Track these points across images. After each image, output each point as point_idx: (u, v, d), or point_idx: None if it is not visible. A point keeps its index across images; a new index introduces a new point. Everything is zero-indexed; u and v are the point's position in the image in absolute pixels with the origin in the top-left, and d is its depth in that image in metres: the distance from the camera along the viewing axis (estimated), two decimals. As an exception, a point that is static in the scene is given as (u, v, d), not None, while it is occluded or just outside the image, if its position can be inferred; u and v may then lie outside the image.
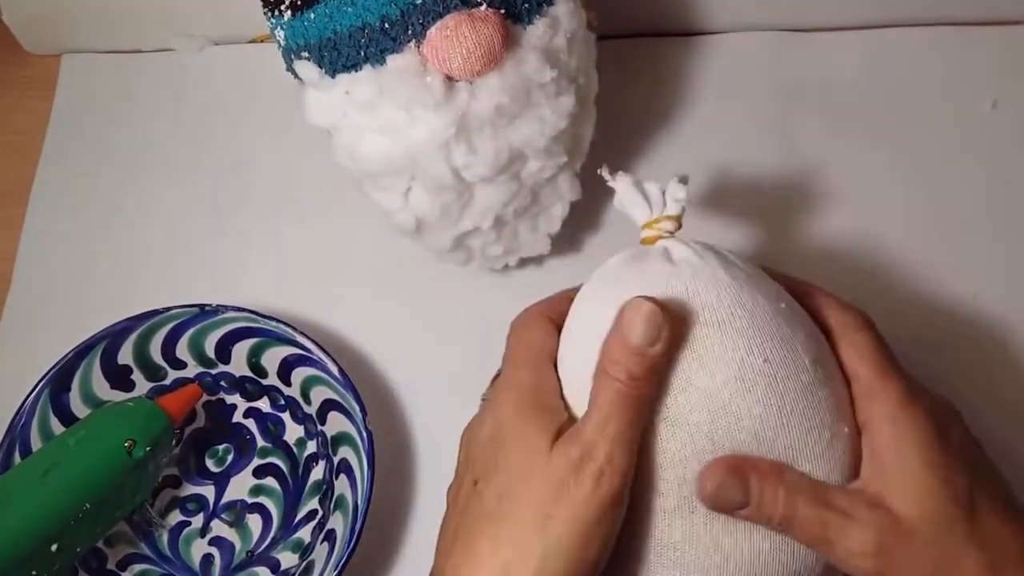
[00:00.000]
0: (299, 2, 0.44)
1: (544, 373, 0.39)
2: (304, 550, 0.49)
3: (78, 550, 0.46)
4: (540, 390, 0.39)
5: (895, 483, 0.37)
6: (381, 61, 0.44)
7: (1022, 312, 0.53)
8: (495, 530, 0.36)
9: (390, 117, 0.45)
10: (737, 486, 0.36)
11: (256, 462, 0.52)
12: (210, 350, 0.51)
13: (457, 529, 0.38)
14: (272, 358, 0.51)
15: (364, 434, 0.47)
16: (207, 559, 0.50)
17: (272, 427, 0.52)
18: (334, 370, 0.49)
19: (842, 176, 0.57)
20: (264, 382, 0.52)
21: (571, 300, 0.41)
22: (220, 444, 0.52)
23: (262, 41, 0.62)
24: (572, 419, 0.38)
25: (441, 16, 0.43)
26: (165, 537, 0.50)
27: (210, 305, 0.50)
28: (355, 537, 0.45)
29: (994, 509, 0.37)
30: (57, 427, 0.49)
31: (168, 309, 0.50)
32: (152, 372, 0.51)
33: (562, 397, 0.39)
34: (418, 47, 0.43)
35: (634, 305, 0.36)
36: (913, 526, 0.36)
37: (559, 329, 0.41)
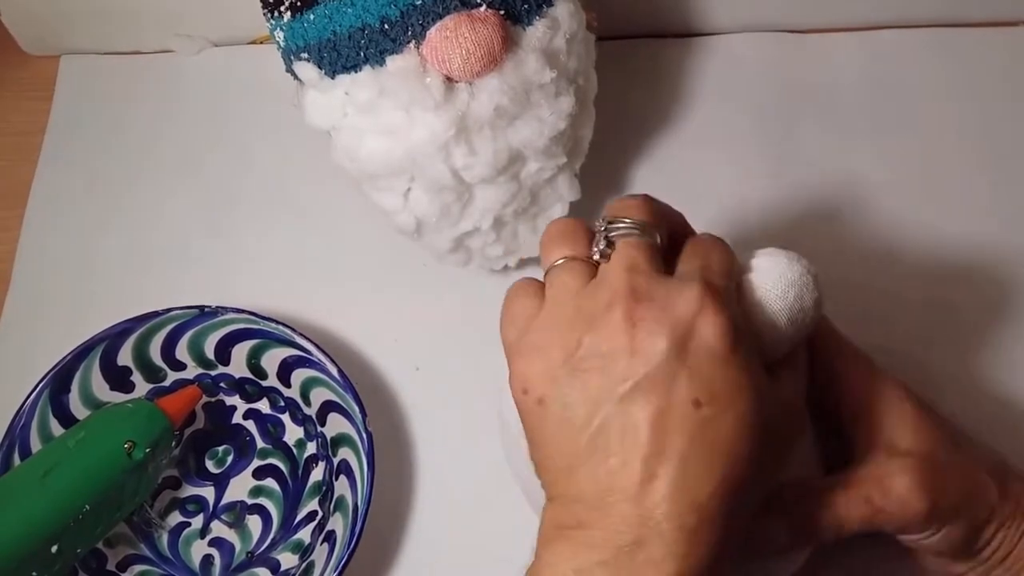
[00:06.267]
0: (299, 3, 0.44)
1: None
2: (304, 551, 0.49)
3: (78, 551, 0.46)
4: None
5: (890, 434, 0.39)
6: (381, 62, 0.44)
7: None
8: None
9: (390, 118, 0.45)
10: (777, 526, 0.38)
11: (256, 463, 0.52)
12: (210, 351, 0.51)
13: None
14: (272, 359, 0.51)
15: (364, 435, 0.47)
16: (207, 560, 0.50)
17: (272, 428, 0.52)
18: (334, 371, 0.49)
19: (842, 176, 0.57)
20: (264, 383, 0.52)
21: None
22: (220, 445, 0.52)
23: (262, 42, 0.62)
24: None
25: (441, 17, 0.43)
26: (165, 538, 0.50)
27: (210, 306, 0.50)
28: (355, 538, 0.45)
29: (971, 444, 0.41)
30: (57, 428, 0.49)
31: (168, 310, 0.50)
32: (152, 373, 0.51)
33: None
34: (418, 48, 0.43)
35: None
36: (924, 455, 0.39)
37: None
